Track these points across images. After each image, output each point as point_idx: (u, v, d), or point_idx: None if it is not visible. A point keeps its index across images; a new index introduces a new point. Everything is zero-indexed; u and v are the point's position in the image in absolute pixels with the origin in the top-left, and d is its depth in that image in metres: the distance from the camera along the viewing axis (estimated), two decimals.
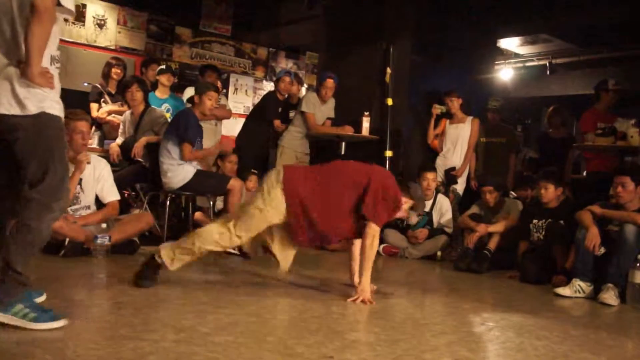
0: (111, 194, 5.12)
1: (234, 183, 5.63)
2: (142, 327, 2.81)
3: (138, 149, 5.94)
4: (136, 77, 6.81)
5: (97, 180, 5.03)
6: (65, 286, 3.69)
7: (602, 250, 4.70)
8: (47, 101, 2.67)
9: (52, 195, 2.70)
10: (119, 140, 6.32)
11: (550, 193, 5.46)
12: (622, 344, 3.44)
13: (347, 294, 4.10)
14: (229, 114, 7.82)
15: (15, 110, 2.60)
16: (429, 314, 3.88)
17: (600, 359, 2.96)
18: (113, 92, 7.07)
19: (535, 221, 5.55)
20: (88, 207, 4.99)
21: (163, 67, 7.55)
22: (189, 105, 5.94)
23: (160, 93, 7.17)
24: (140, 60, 8.98)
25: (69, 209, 4.81)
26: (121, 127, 6.41)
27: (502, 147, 7.34)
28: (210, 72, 7.82)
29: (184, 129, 5.50)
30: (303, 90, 8.84)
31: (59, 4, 2.59)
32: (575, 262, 4.82)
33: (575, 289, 4.69)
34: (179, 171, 5.50)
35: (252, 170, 7.10)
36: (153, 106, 6.46)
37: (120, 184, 5.47)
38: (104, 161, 5.22)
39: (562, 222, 5.33)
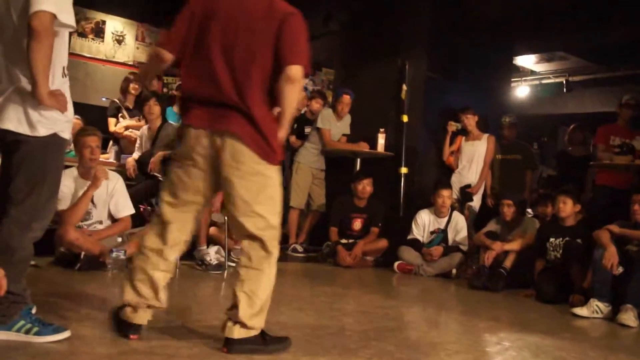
0: (125, 209, 5.10)
1: None
2: (156, 342, 2.80)
3: (154, 163, 5.97)
4: (154, 92, 6.86)
5: (111, 195, 5.03)
6: (80, 300, 3.69)
7: (621, 270, 4.63)
8: (59, 124, 2.67)
9: (33, 215, 2.66)
10: (136, 154, 6.35)
11: (568, 207, 5.41)
12: None
13: (362, 311, 4.08)
14: None
15: (24, 130, 2.59)
16: (443, 332, 3.85)
17: None
18: (131, 107, 7.11)
19: (552, 240, 5.49)
20: (100, 222, 4.99)
21: (179, 82, 7.61)
22: None
23: (177, 108, 7.19)
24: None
25: (82, 223, 4.83)
26: (138, 141, 6.44)
27: (518, 164, 7.31)
28: None
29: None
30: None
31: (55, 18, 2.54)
32: (593, 282, 4.77)
33: (593, 309, 4.62)
34: None
35: None
36: (170, 121, 6.49)
37: (136, 198, 5.48)
38: (117, 175, 5.23)
39: (579, 240, 5.28)
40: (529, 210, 7.03)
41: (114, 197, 5.04)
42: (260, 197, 2.75)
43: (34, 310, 2.84)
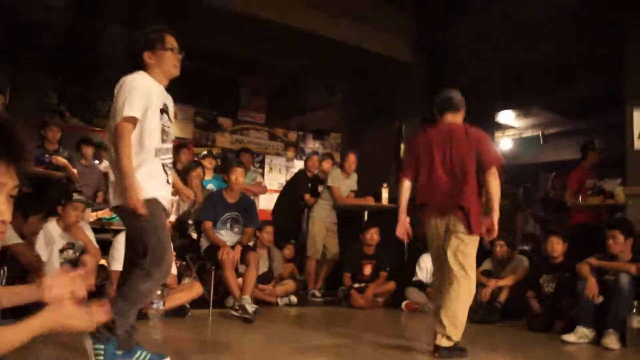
0: (172, 269, 5.18)
1: (251, 257, 5.37)
2: None
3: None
4: (198, 162, 6.97)
5: None
6: None
7: (601, 299, 4.61)
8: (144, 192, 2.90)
9: (152, 265, 2.87)
10: (173, 217, 6.41)
11: (560, 247, 5.44)
12: None
13: (375, 349, 4.04)
14: (264, 190, 7.95)
15: (117, 202, 2.93)
16: None
17: None
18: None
19: (544, 276, 5.48)
20: None
21: (205, 152, 7.76)
22: None
23: (205, 175, 7.29)
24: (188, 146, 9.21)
25: None
26: (175, 205, 6.50)
27: (507, 209, 7.32)
28: (244, 152, 8.01)
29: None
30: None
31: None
32: (578, 311, 4.74)
33: (580, 335, 4.58)
34: (204, 242, 5.60)
35: (291, 241, 7.15)
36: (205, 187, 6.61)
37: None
38: None
39: (567, 274, 5.26)
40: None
41: None
42: (459, 251, 3.85)
43: None
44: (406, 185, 4.16)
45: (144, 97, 2.93)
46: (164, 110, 3.06)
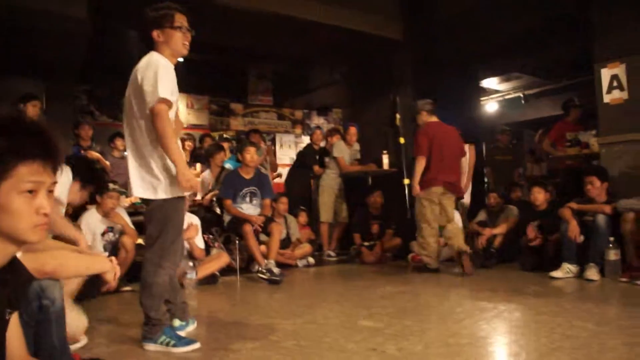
0: (199, 244, 5.27)
1: (274, 227, 5.41)
2: (226, 340, 2.90)
3: (207, 200, 6.14)
4: (221, 146, 6.99)
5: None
6: None
7: (582, 238, 4.67)
8: (175, 189, 2.73)
9: (162, 255, 2.74)
10: (200, 195, 6.47)
11: (541, 196, 5.50)
12: (605, 311, 3.41)
13: (386, 297, 4.12)
14: (275, 169, 7.99)
15: (149, 195, 2.72)
16: (451, 305, 3.85)
17: (588, 325, 2.93)
18: (187, 160, 7.24)
19: (531, 223, 5.53)
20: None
21: (219, 136, 7.79)
22: None
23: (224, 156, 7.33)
24: (205, 132, 9.30)
25: None
26: (200, 185, 6.56)
27: (509, 163, 7.52)
28: (254, 133, 8.01)
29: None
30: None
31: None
32: (563, 250, 4.79)
33: (565, 271, 4.66)
34: (226, 216, 5.66)
35: (301, 207, 7.21)
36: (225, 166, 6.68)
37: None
38: (195, 217, 5.35)
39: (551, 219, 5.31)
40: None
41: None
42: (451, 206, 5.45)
43: (193, 326, 3.10)
44: (423, 162, 5.27)
45: (173, 79, 2.69)
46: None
